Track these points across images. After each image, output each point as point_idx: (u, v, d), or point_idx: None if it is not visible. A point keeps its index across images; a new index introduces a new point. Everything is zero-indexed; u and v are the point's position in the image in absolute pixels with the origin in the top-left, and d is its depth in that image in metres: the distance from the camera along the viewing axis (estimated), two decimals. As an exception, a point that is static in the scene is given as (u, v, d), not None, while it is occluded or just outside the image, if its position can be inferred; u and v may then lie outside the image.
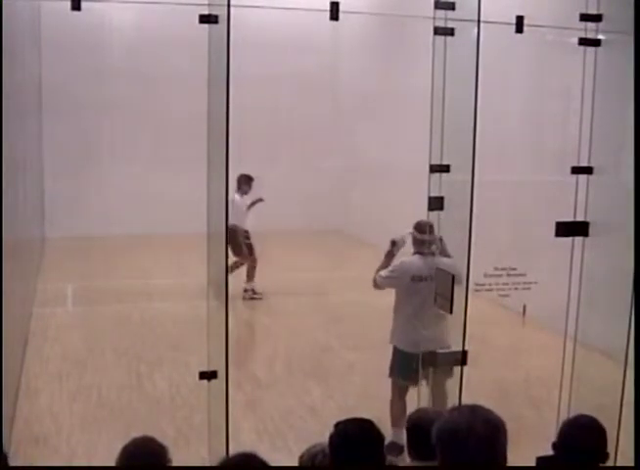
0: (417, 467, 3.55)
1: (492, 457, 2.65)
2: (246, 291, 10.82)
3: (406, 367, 5.94)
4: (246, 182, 10.78)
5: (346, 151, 15.50)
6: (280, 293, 11.23)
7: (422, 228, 5.89)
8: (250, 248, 11.01)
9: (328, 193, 15.67)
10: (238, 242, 10.65)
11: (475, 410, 2.74)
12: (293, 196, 15.45)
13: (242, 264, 10.87)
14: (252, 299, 10.75)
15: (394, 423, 5.95)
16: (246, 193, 10.83)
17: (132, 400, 7.02)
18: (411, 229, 6.05)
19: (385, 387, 6.35)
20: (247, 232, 10.95)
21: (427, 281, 5.79)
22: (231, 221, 10.59)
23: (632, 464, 4.10)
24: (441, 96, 5.16)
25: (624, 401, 5.06)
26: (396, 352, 6.08)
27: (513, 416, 2.82)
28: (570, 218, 5.45)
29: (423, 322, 5.87)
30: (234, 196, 10.61)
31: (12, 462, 3.44)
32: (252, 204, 11.12)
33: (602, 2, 5.18)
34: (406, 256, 6.12)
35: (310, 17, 5.98)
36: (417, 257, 6.03)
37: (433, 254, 5.82)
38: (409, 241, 6.14)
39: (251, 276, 10.94)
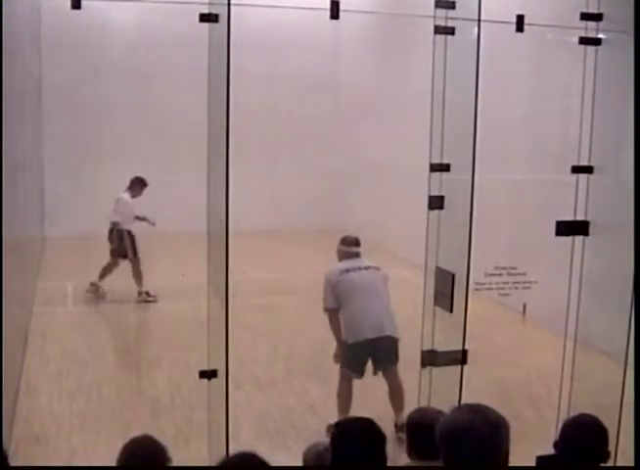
0: (417, 467, 3.55)
1: (492, 456, 2.66)
2: (92, 285, 10.49)
3: (352, 358, 6.30)
4: (139, 185, 10.58)
5: (347, 150, 15.49)
6: (280, 292, 11.23)
7: (350, 242, 6.61)
8: (129, 249, 10.59)
9: (328, 192, 15.67)
10: (114, 243, 10.49)
11: (477, 409, 2.75)
12: (293, 195, 15.46)
13: (116, 266, 10.57)
14: (97, 298, 10.38)
15: (342, 408, 6.28)
16: (135, 196, 10.56)
17: (132, 400, 7.02)
18: (338, 246, 6.63)
19: (383, 386, 6.36)
20: (129, 232, 10.60)
21: (356, 271, 6.38)
22: (115, 219, 10.45)
23: (632, 464, 4.11)
24: (442, 95, 5.16)
25: (624, 401, 5.06)
26: (343, 344, 6.34)
27: (513, 415, 2.82)
28: (570, 218, 5.45)
29: (363, 310, 6.25)
30: (122, 195, 10.54)
31: (12, 462, 3.44)
32: (142, 219, 10.74)
33: (602, 1, 5.18)
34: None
35: (310, 16, 5.98)
36: (341, 262, 6.54)
37: (357, 255, 6.55)
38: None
39: (103, 276, 10.52)
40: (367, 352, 6.25)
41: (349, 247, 6.57)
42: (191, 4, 4.75)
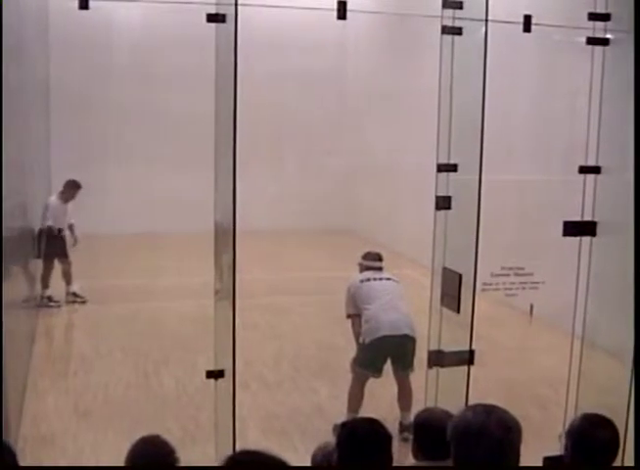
0: (422, 467, 3.54)
1: (505, 458, 2.65)
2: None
3: (369, 358, 6.29)
4: (72, 188, 10.38)
5: (353, 150, 15.50)
6: (288, 292, 11.24)
7: (373, 257, 6.72)
8: (60, 250, 10.40)
9: (338, 192, 15.68)
10: (45, 245, 10.21)
11: (491, 410, 2.74)
12: (302, 195, 15.45)
13: (52, 269, 10.39)
14: (49, 306, 10.17)
15: (352, 408, 6.24)
16: (68, 199, 10.39)
17: (139, 399, 7.02)
18: (360, 260, 6.74)
19: (389, 386, 6.36)
20: (60, 233, 10.36)
21: (376, 280, 6.47)
22: (46, 223, 10.10)
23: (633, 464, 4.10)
24: (449, 95, 5.15)
25: (631, 401, 5.04)
26: (361, 345, 6.34)
27: (519, 416, 2.81)
28: (577, 218, 5.44)
29: (381, 311, 6.28)
30: (50, 200, 10.37)
31: (19, 462, 3.44)
32: (70, 228, 10.56)
33: (610, 1, 5.17)
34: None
35: (318, 16, 5.98)
36: (362, 273, 6.63)
37: (380, 269, 6.63)
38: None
39: (45, 283, 10.31)
40: (384, 351, 6.24)
41: (372, 261, 6.69)
42: (198, 4, 4.76)
